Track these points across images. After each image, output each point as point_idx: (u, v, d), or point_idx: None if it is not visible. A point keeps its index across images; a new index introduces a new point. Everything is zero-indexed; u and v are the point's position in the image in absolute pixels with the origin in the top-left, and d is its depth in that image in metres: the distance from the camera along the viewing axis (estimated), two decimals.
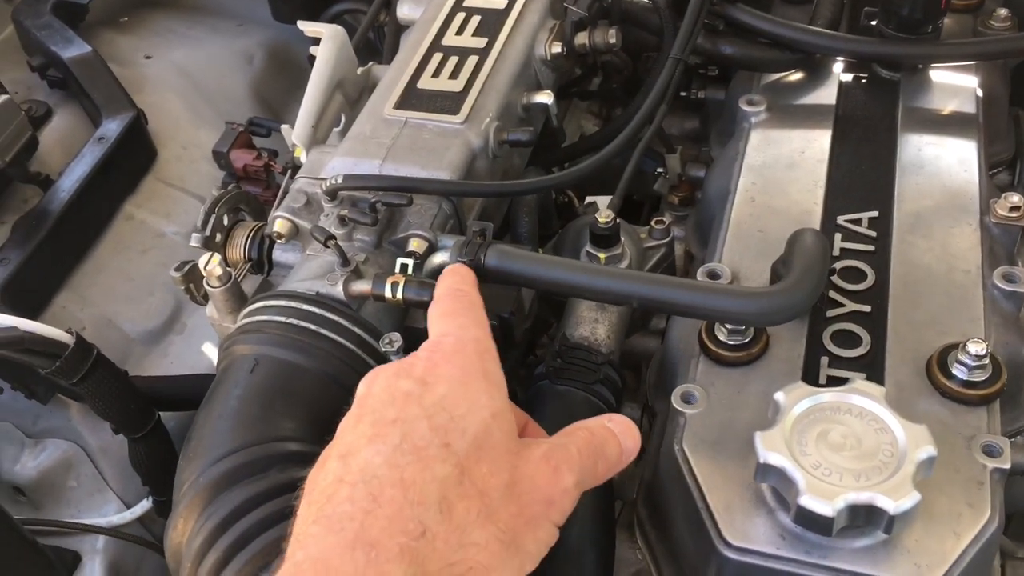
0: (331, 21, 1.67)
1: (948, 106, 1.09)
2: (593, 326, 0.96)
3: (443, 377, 0.63)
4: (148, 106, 1.54)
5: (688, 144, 1.43)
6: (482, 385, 0.63)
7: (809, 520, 0.69)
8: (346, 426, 0.63)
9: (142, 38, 1.74)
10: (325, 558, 0.55)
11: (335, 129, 1.12)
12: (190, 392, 1.22)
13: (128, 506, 1.30)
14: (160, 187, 1.52)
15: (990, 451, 0.76)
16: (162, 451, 1.19)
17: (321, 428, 0.80)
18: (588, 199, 1.33)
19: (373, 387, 0.64)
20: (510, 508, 0.59)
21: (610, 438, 0.67)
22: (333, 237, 0.87)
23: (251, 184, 1.44)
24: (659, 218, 1.09)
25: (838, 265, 0.91)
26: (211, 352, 1.39)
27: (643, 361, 1.08)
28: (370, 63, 1.21)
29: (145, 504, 1.28)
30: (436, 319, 0.71)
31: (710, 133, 1.32)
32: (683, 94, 1.39)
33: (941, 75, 1.13)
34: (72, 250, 1.40)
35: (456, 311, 0.71)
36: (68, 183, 1.38)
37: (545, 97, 1.09)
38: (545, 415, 0.88)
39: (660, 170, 1.32)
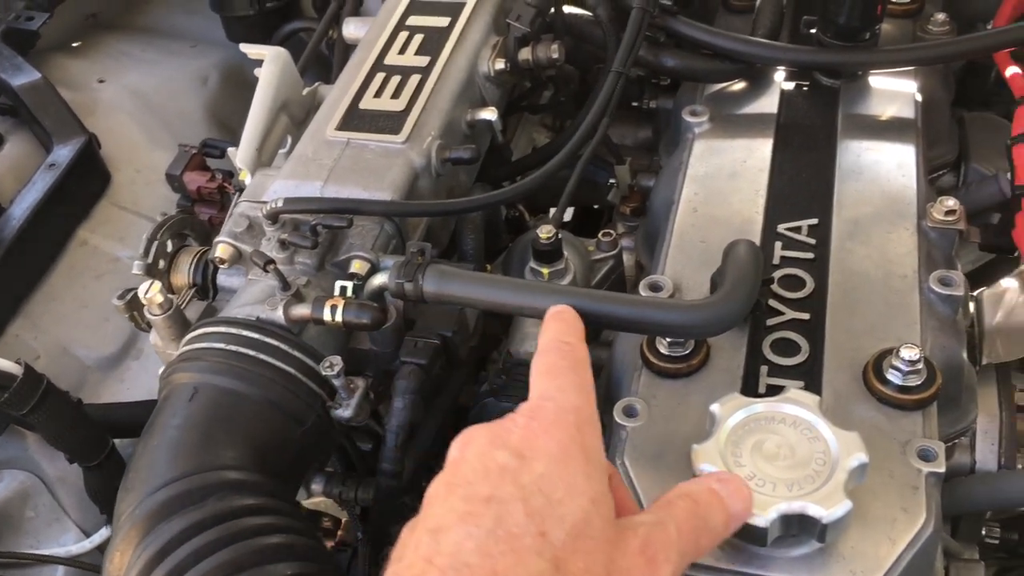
0: (285, 39, 1.68)
1: (887, 112, 1.10)
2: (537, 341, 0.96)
3: (541, 452, 0.59)
4: (101, 130, 1.54)
5: (642, 154, 1.44)
6: (581, 465, 0.59)
7: (744, 531, 0.69)
8: (436, 495, 0.59)
9: (95, 62, 1.73)
10: None
11: (281, 151, 1.12)
12: (146, 418, 1.21)
13: (87, 535, 1.29)
14: (114, 211, 1.52)
15: (925, 455, 0.77)
16: (118, 479, 1.17)
17: (263, 454, 0.80)
18: (554, 212, 1.34)
19: (466, 452, 0.60)
20: None
21: (715, 505, 0.63)
22: (272, 262, 0.87)
23: (206, 206, 1.44)
24: (606, 230, 1.09)
25: (778, 273, 0.92)
26: None
27: (595, 373, 1.08)
28: (316, 83, 1.21)
29: (104, 533, 1.28)
30: (537, 376, 0.66)
31: (660, 143, 1.33)
32: (635, 104, 1.40)
33: (880, 81, 1.14)
34: (25, 278, 1.39)
35: (558, 371, 0.66)
36: (19, 211, 1.37)
37: (489, 114, 1.09)
38: None
39: (612, 181, 1.33)
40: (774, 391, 0.80)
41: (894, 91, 1.13)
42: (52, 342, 1.36)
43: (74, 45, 1.77)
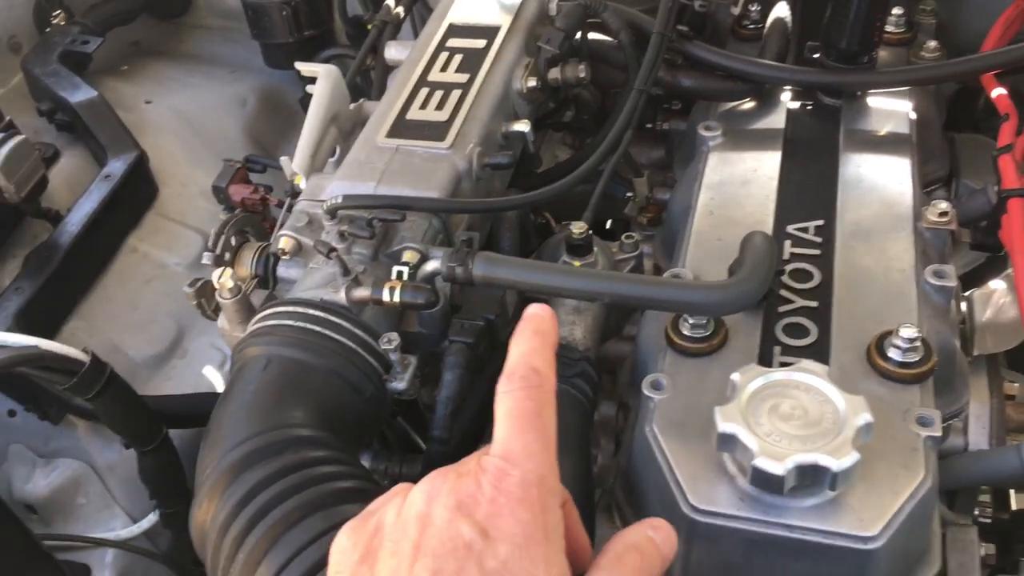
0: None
1: (884, 128, 1.21)
2: (571, 328, 1.06)
3: (505, 533, 0.59)
4: (149, 147, 1.65)
5: (655, 171, 1.55)
6: (542, 550, 0.59)
7: (763, 481, 0.78)
8: (400, 549, 0.60)
9: (142, 85, 1.85)
10: None
11: (330, 159, 1.23)
12: (194, 409, 1.30)
13: (135, 520, 1.37)
14: (161, 222, 1.62)
15: (923, 422, 0.86)
16: (170, 464, 1.26)
17: (328, 418, 0.89)
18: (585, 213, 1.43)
19: (433, 512, 0.60)
20: None
21: (656, 554, 0.66)
22: (335, 249, 0.96)
23: None
24: (628, 234, 1.19)
25: (788, 267, 1.01)
26: (211, 375, 1.47)
27: (618, 365, 1.18)
28: (361, 99, 1.31)
29: (152, 518, 1.35)
30: (503, 419, 0.63)
31: (674, 160, 1.43)
32: (649, 126, 1.51)
33: (878, 101, 1.25)
34: (80, 281, 1.49)
35: (525, 419, 0.63)
36: (76, 218, 1.47)
37: (523, 126, 1.20)
38: None
39: (629, 194, 1.43)
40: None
41: (891, 110, 1.24)
42: (105, 341, 1.45)
43: (122, 69, 1.88)
